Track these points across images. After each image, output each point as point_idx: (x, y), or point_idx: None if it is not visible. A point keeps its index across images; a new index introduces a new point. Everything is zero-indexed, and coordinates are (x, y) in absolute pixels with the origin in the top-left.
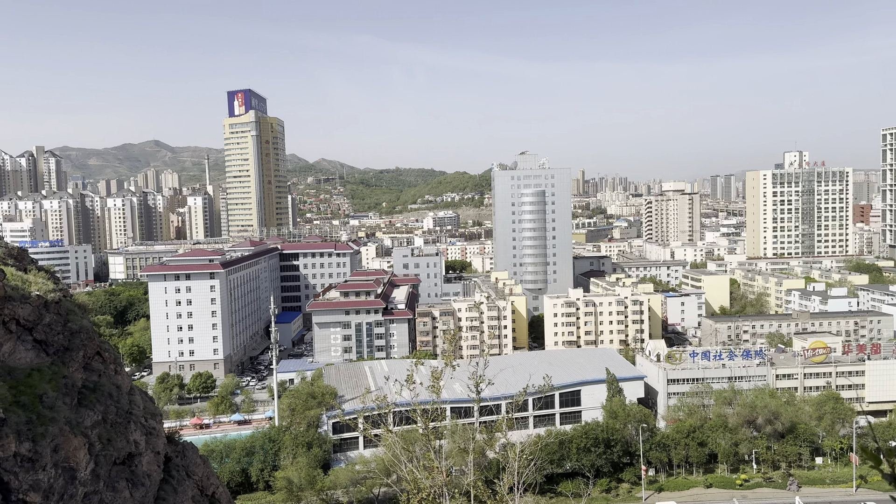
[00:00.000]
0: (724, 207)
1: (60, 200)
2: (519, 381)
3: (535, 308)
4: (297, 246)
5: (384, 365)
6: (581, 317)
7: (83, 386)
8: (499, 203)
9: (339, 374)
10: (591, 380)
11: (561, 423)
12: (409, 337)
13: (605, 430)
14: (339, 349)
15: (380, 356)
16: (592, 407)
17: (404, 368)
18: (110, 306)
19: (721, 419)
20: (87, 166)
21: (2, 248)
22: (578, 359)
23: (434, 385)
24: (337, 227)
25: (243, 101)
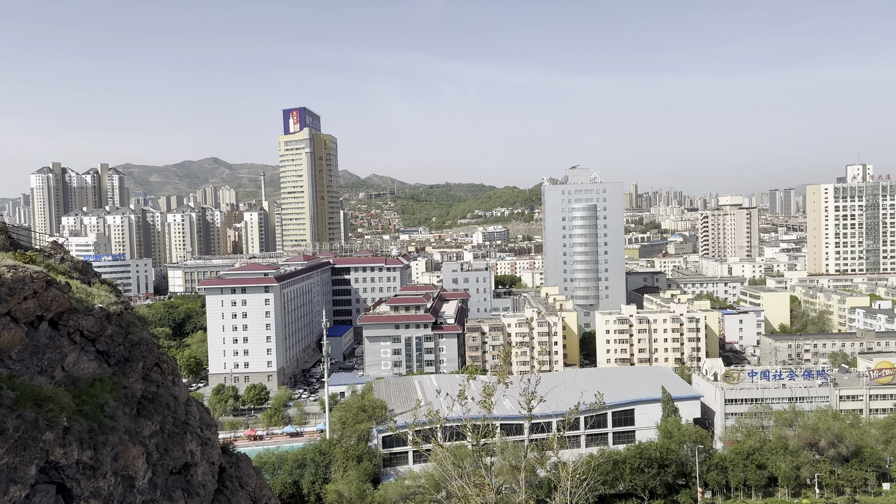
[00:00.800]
0: (783, 222)
1: (123, 216)
2: (570, 399)
3: (586, 324)
4: (348, 260)
5: (433, 379)
6: (634, 334)
7: (142, 396)
8: (549, 217)
9: (389, 388)
10: (645, 399)
11: (614, 443)
12: (458, 352)
13: (660, 450)
14: (389, 363)
15: (429, 371)
16: (646, 426)
17: (454, 383)
18: (169, 319)
19: (781, 441)
20: (148, 183)
21: (67, 262)
22: (632, 377)
23: (485, 401)
24: (387, 241)
25: (298, 118)
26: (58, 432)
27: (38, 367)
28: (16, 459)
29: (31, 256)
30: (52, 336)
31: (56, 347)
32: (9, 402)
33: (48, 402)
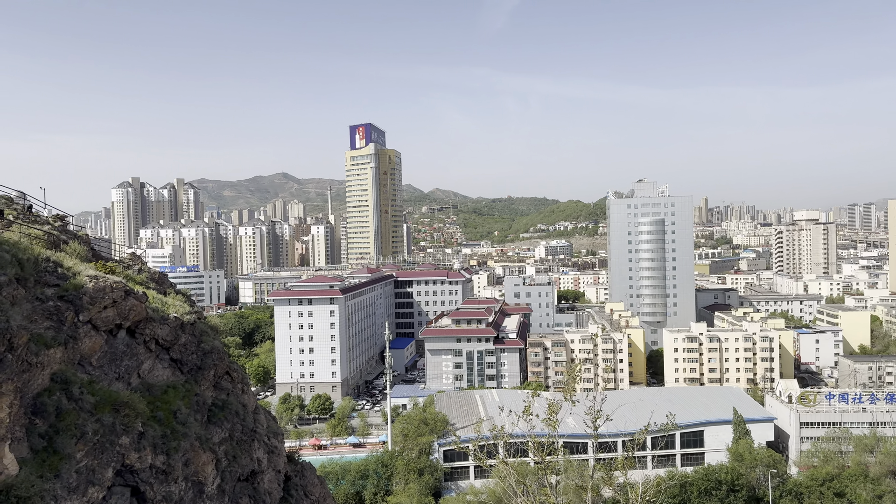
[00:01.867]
0: (863, 238)
1: (197, 229)
2: (637, 418)
3: (653, 342)
4: (411, 273)
5: (495, 394)
6: (704, 352)
7: (213, 404)
8: (614, 232)
9: (451, 402)
10: (715, 420)
11: (682, 465)
12: (520, 367)
13: (730, 473)
14: (451, 376)
15: (490, 385)
16: (716, 449)
17: (516, 399)
18: (239, 328)
19: (861, 468)
20: (221, 197)
21: (145, 273)
22: (701, 397)
23: (551, 418)
24: (449, 255)
25: (364, 134)
26: (133, 437)
27: (115, 374)
28: (94, 462)
29: (111, 267)
30: (129, 344)
31: (133, 355)
32: (89, 407)
33: (125, 407)
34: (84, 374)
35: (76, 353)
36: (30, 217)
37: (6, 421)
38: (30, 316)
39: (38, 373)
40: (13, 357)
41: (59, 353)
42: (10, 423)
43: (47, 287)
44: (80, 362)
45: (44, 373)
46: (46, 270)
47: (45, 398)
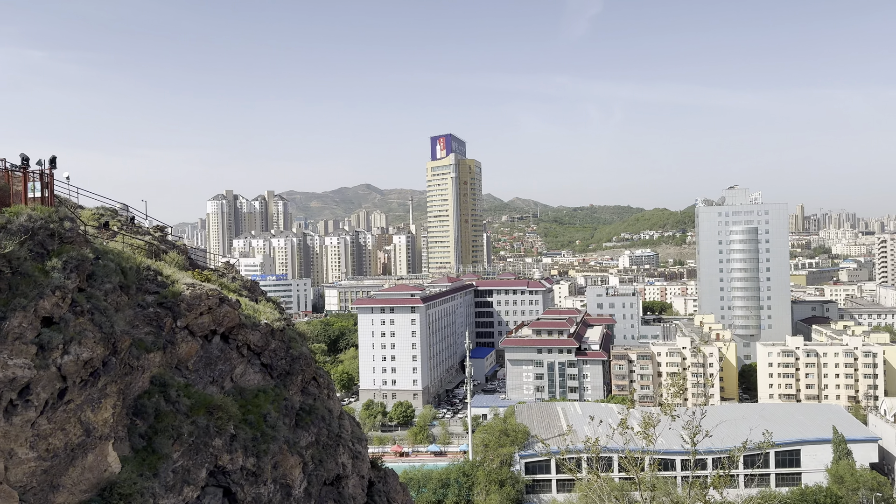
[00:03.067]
0: None
1: (286, 239)
2: (729, 435)
3: (746, 356)
4: (491, 283)
5: (577, 407)
6: (801, 368)
7: (300, 408)
8: (704, 241)
9: (532, 413)
10: (813, 439)
11: (777, 485)
12: (603, 379)
13: (829, 496)
14: (532, 387)
15: (572, 397)
16: (814, 469)
17: (600, 412)
18: (325, 335)
19: None
20: (309, 208)
21: (238, 281)
22: (798, 415)
23: (646, 433)
24: (530, 264)
25: (444, 145)
26: (226, 439)
27: (210, 378)
28: (189, 462)
29: (207, 275)
30: (223, 349)
31: (226, 359)
32: (185, 409)
33: (218, 410)
34: (181, 377)
35: (174, 357)
36: (132, 228)
37: (110, 421)
38: (132, 321)
39: (139, 376)
40: (117, 360)
41: (158, 357)
42: (113, 423)
43: (148, 294)
44: (177, 366)
45: (144, 376)
46: (147, 278)
47: (145, 400)
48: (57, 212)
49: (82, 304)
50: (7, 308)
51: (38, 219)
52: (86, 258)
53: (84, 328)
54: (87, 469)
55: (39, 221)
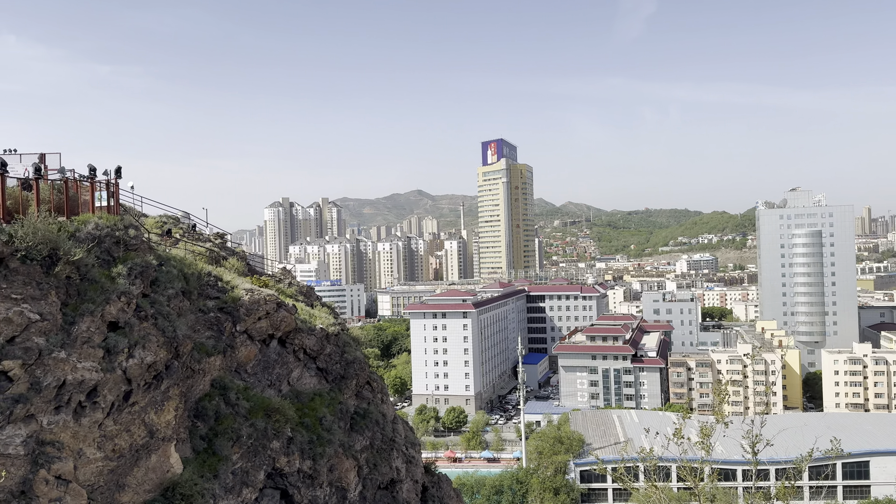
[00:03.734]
0: None
1: (340, 245)
2: (794, 445)
3: (810, 363)
4: (543, 288)
5: (633, 415)
6: (870, 376)
7: (355, 412)
8: (765, 245)
9: (587, 421)
10: (883, 450)
11: (844, 498)
12: (660, 387)
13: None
14: (586, 394)
15: (628, 405)
16: (885, 482)
17: (657, 420)
18: (378, 340)
19: None
20: (362, 214)
21: (294, 287)
22: (866, 424)
23: (704, 442)
24: (583, 269)
25: (496, 150)
26: (283, 441)
27: (268, 381)
28: (248, 464)
29: (265, 281)
30: (280, 353)
31: (283, 363)
32: (244, 412)
33: (276, 413)
34: (240, 380)
35: (233, 360)
36: (194, 235)
37: (172, 423)
38: (193, 326)
39: (200, 379)
40: (179, 364)
41: (218, 360)
42: (175, 425)
43: (209, 299)
44: (236, 369)
45: (205, 379)
46: (208, 284)
47: (205, 403)
48: (122, 220)
49: (146, 310)
50: (76, 313)
51: (105, 227)
52: (149, 265)
53: (148, 332)
54: (150, 469)
55: (106, 229)
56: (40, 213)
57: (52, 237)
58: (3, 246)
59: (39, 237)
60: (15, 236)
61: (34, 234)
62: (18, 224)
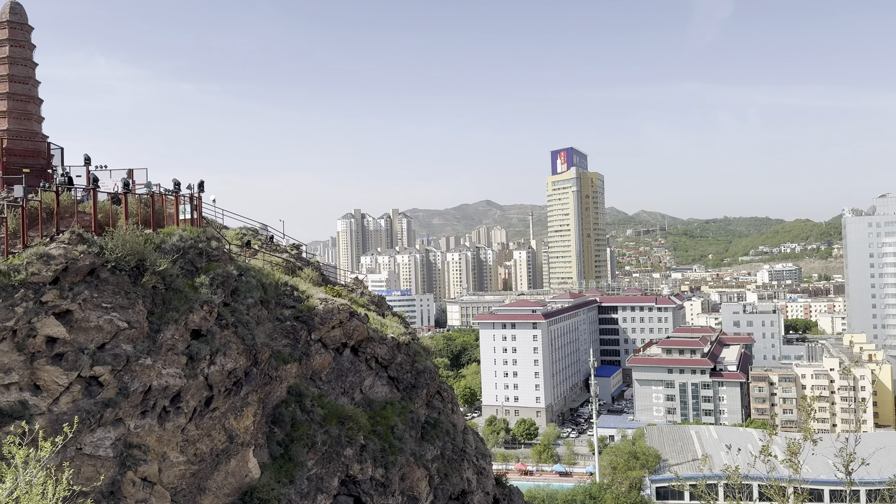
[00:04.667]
0: None
1: (410, 255)
2: (887, 465)
3: None
4: (616, 299)
5: (713, 431)
6: None
7: (425, 421)
8: (852, 254)
9: (663, 436)
10: None
11: None
12: (741, 402)
13: None
14: (662, 409)
15: (707, 420)
16: None
17: (738, 437)
18: (447, 350)
19: None
20: (431, 225)
21: (366, 296)
22: None
23: (792, 460)
24: (657, 280)
25: (565, 159)
26: (356, 449)
27: (341, 389)
28: (323, 471)
29: (338, 291)
30: (353, 361)
31: (356, 372)
32: (318, 419)
33: (349, 420)
34: (315, 388)
35: (308, 368)
36: (271, 246)
37: (251, 428)
38: (271, 334)
39: (277, 386)
40: (257, 371)
41: (294, 368)
42: (254, 431)
43: (285, 308)
44: (311, 377)
45: (282, 386)
46: (285, 293)
47: (282, 409)
48: (205, 232)
49: (227, 318)
50: (161, 321)
51: (189, 238)
52: (230, 275)
53: (228, 340)
54: (229, 474)
55: (189, 241)
56: (128, 226)
57: (139, 249)
58: (95, 257)
59: (128, 249)
60: (105, 248)
61: (123, 245)
62: (108, 236)
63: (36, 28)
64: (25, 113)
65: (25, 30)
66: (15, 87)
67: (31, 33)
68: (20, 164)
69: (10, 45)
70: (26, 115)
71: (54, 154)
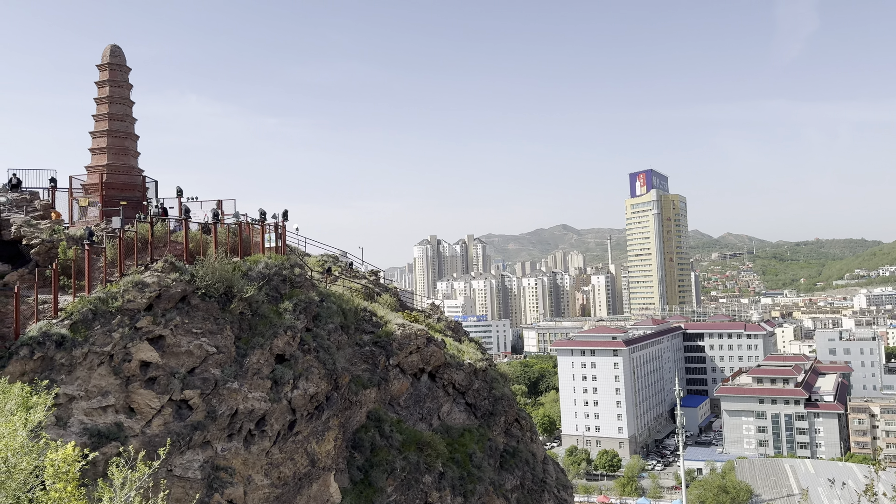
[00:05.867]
0: None
1: (485, 281)
2: None
3: None
4: (701, 325)
5: (809, 465)
6: None
7: (504, 450)
8: None
9: (755, 470)
10: None
11: None
12: (839, 435)
13: None
14: (753, 441)
15: (802, 454)
16: None
17: (836, 472)
18: (525, 377)
19: None
20: (506, 250)
21: (443, 322)
22: None
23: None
24: (746, 305)
25: (644, 181)
26: (434, 476)
27: (419, 415)
28: (402, 497)
29: (415, 316)
30: (430, 387)
31: (434, 397)
32: (397, 445)
33: (428, 447)
34: (393, 413)
35: (387, 393)
36: (351, 273)
37: (332, 453)
38: (350, 359)
39: (357, 410)
40: (338, 395)
41: (373, 393)
42: (335, 455)
43: (364, 333)
44: (389, 402)
45: (361, 410)
46: (363, 319)
47: (361, 434)
48: (288, 259)
49: (309, 343)
50: (247, 346)
51: (273, 266)
52: (312, 301)
53: (311, 365)
54: (311, 498)
55: (274, 268)
56: (218, 254)
57: (227, 276)
58: (186, 285)
59: (217, 276)
60: (196, 276)
61: (212, 273)
62: (199, 264)
63: (133, 69)
64: (123, 149)
65: (124, 71)
66: (114, 124)
67: (129, 74)
68: (118, 196)
69: (110, 85)
70: (124, 150)
71: (149, 187)
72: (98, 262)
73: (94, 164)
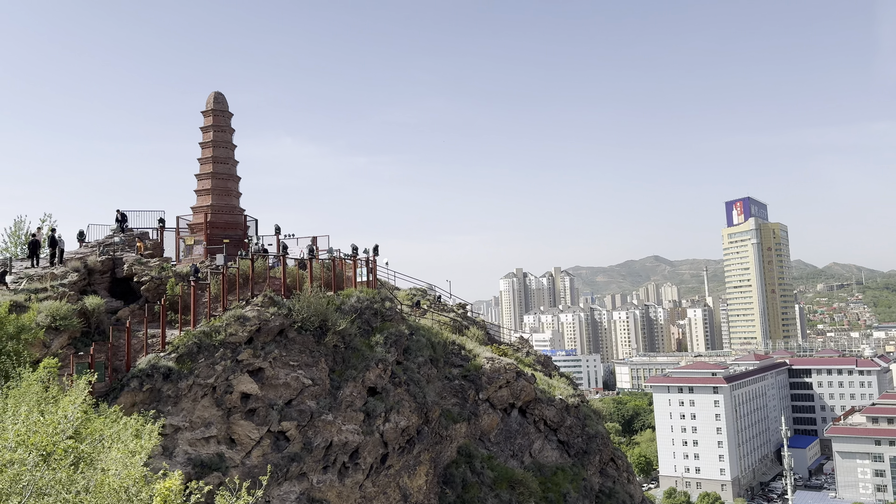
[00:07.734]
0: None
1: (574, 314)
2: None
3: None
4: (808, 361)
5: None
6: None
7: (600, 490)
8: None
9: None
10: None
11: None
12: None
13: None
14: (870, 486)
15: None
16: None
17: None
18: (618, 414)
19: None
20: (595, 283)
21: (532, 356)
22: None
23: None
24: (856, 339)
25: (742, 209)
26: None
27: (510, 451)
28: None
29: (504, 350)
30: (521, 423)
31: (524, 434)
32: (489, 481)
33: (520, 485)
34: (484, 449)
35: (477, 428)
36: (439, 306)
37: (423, 488)
38: (440, 392)
39: (448, 445)
40: (429, 429)
41: (463, 427)
42: (426, 491)
43: (453, 367)
44: (479, 437)
45: (451, 445)
46: (452, 352)
47: (452, 469)
48: (379, 293)
49: (400, 376)
50: (341, 378)
51: (365, 299)
52: (402, 334)
53: (402, 398)
54: None
55: (366, 302)
56: (313, 289)
57: (322, 310)
58: (284, 318)
59: (312, 310)
60: (293, 310)
61: (308, 307)
62: (295, 299)
63: (234, 114)
64: (226, 190)
65: (226, 116)
66: (217, 167)
67: (231, 119)
68: (221, 235)
69: (214, 130)
70: (227, 191)
71: (250, 225)
72: (203, 298)
73: (199, 204)
